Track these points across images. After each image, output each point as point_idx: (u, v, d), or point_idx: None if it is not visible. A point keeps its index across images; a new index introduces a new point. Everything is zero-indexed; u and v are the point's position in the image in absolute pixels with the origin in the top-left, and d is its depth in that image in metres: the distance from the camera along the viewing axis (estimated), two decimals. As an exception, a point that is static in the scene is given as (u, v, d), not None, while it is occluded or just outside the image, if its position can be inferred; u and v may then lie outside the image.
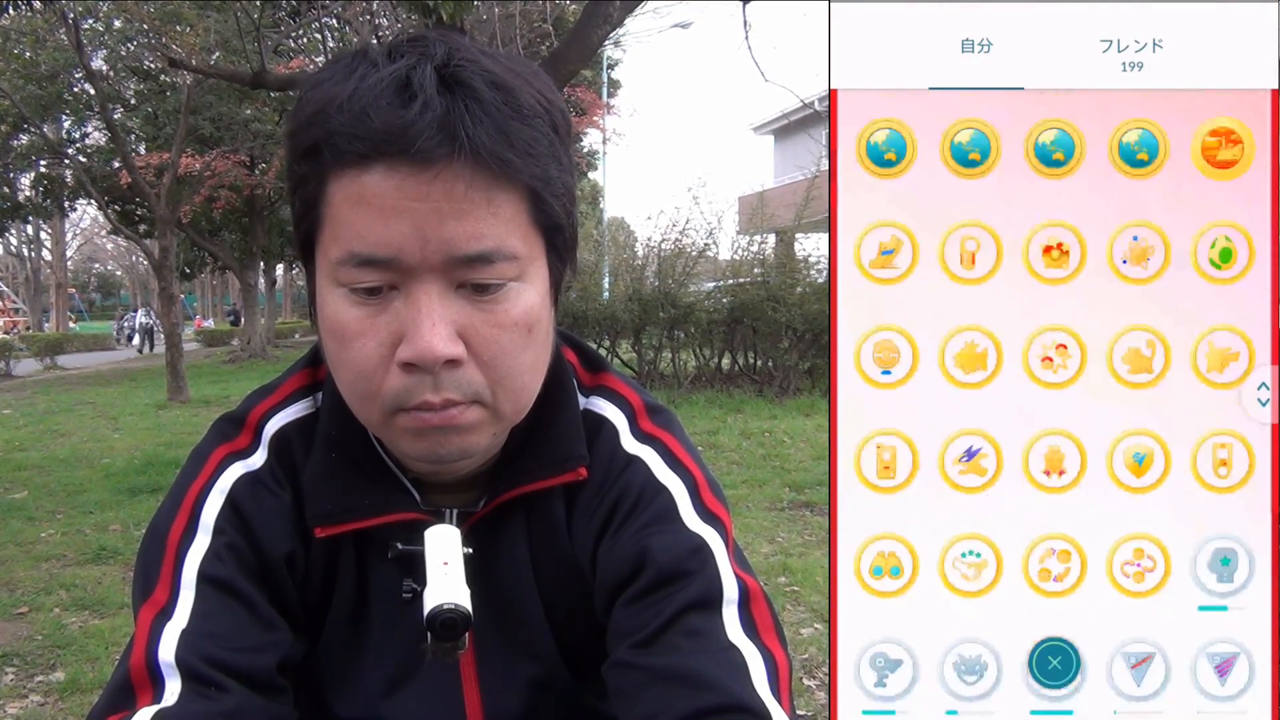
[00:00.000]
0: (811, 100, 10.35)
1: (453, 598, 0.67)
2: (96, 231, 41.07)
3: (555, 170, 0.67)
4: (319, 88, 0.66)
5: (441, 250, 0.64)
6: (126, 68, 15.35)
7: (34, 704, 2.79)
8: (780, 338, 9.23)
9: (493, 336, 0.67)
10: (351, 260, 0.65)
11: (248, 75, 6.65)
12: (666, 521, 0.75)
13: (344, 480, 0.76)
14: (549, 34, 8.61)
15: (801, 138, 16.24)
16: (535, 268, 0.69)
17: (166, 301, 11.16)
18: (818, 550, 4.10)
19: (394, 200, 0.63)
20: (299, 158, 0.67)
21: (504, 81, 0.65)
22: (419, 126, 0.61)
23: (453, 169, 0.62)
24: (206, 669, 0.67)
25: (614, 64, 19.74)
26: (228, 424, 0.81)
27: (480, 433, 0.70)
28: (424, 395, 0.67)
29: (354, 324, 0.67)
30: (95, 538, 4.57)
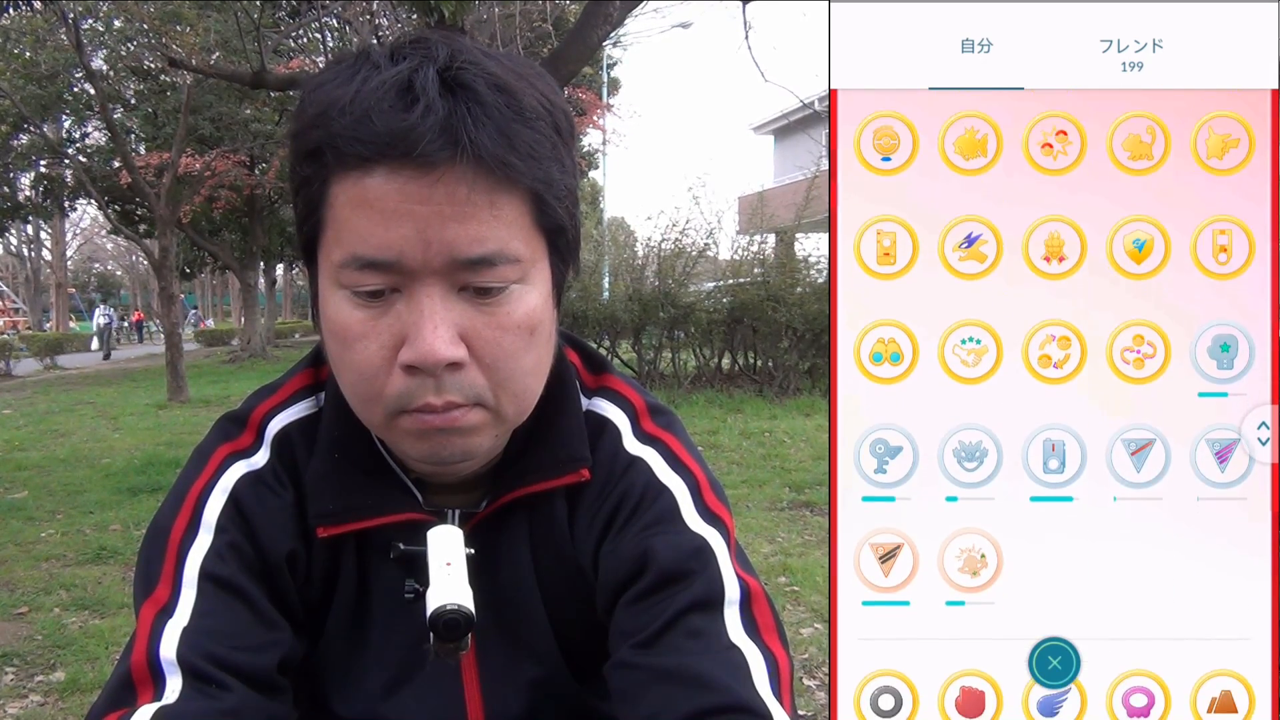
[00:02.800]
0: (811, 100, 10.34)
1: (456, 598, 0.67)
2: (96, 231, 41.13)
3: (557, 172, 0.67)
4: (321, 89, 0.66)
5: (443, 253, 0.64)
6: (126, 68, 15.35)
7: (34, 704, 2.79)
8: (780, 338, 9.23)
9: (495, 339, 0.67)
10: (354, 263, 0.65)
11: (248, 75, 6.65)
12: (668, 522, 0.76)
13: (346, 480, 0.76)
14: (549, 34, 8.61)
15: (801, 138, 16.22)
16: (537, 270, 0.69)
17: (166, 301, 11.15)
18: (818, 550, 4.10)
19: (396, 203, 0.63)
20: (301, 160, 0.67)
21: (506, 84, 0.65)
22: (421, 130, 0.61)
23: (455, 172, 0.62)
24: (208, 667, 0.67)
25: (614, 64, 19.76)
26: (230, 423, 0.81)
27: (482, 435, 0.70)
28: (426, 398, 0.67)
29: (356, 326, 0.67)
30: (95, 538, 4.58)
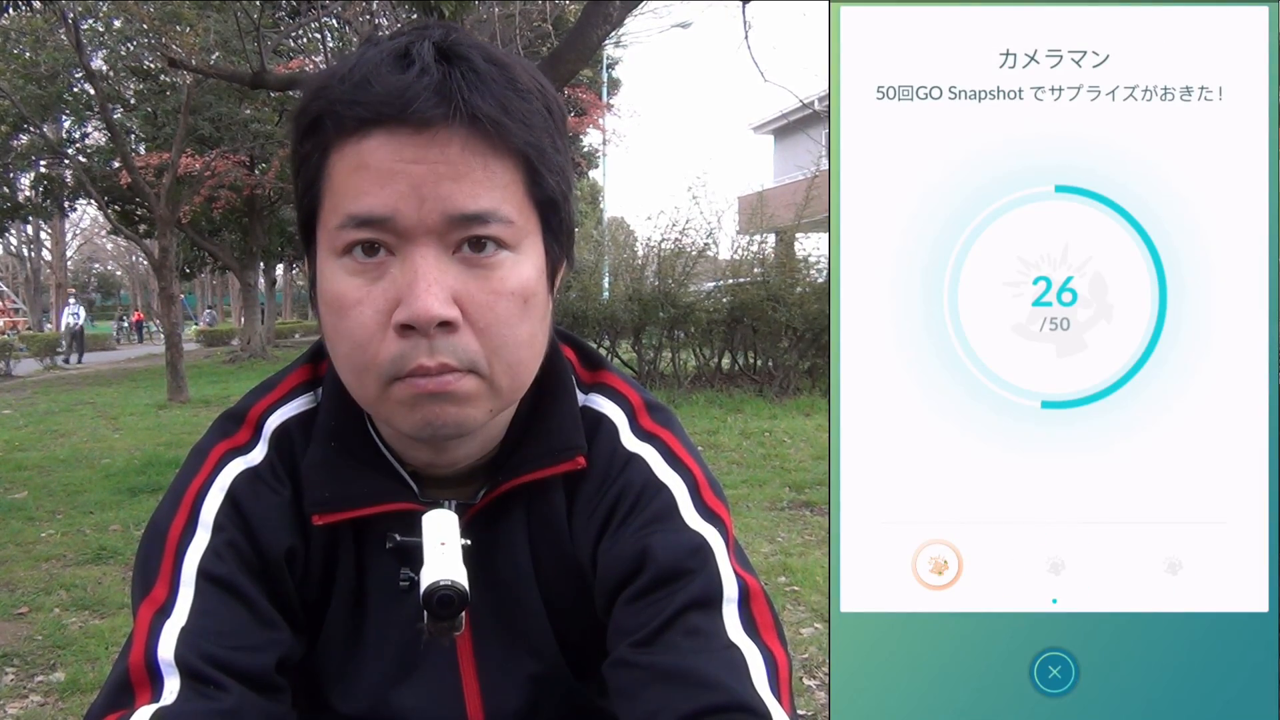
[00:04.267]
0: (811, 100, 10.35)
1: (449, 575, 0.66)
2: (96, 231, 41.11)
3: (550, 146, 0.69)
4: (323, 74, 0.69)
5: (437, 209, 0.65)
6: (126, 68, 15.35)
7: (34, 704, 2.79)
8: (780, 338, 9.23)
9: (488, 303, 0.67)
10: (350, 222, 0.66)
11: (248, 75, 6.66)
12: (667, 520, 0.75)
13: (342, 469, 0.76)
14: (549, 34, 8.61)
15: (801, 138, 16.23)
16: (530, 242, 0.70)
17: (166, 301, 11.16)
18: (818, 550, 4.10)
19: (391, 163, 0.64)
20: (302, 137, 0.69)
21: (500, 59, 0.67)
22: (416, 89, 0.64)
23: (449, 130, 0.64)
24: (205, 667, 0.67)
25: (614, 63, 19.75)
26: (228, 421, 0.81)
27: (476, 405, 0.70)
28: (419, 358, 0.66)
29: (352, 293, 0.67)
30: (95, 538, 4.57)
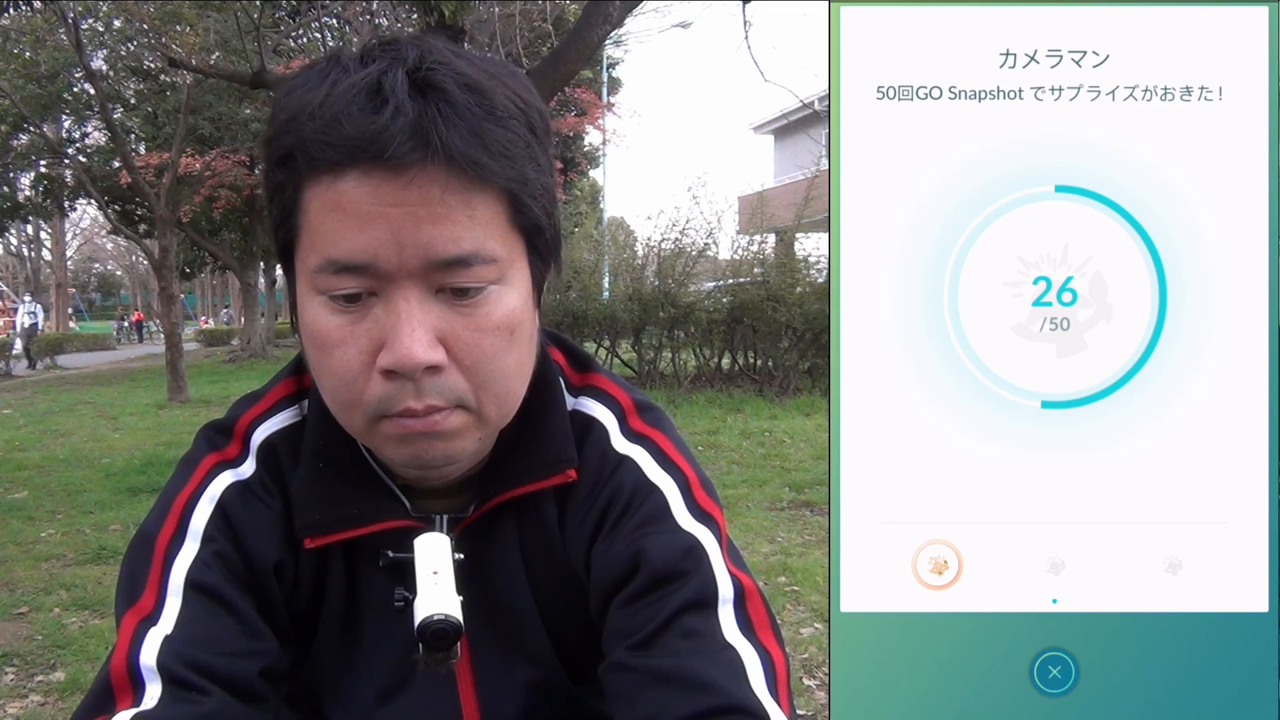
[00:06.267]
0: (811, 100, 10.35)
1: (443, 608, 0.66)
2: (96, 231, 41.11)
3: (532, 171, 0.66)
4: (292, 94, 0.65)
5: (419, 255, 0.63)
6: (126, 68, 15.34)
7: (34, 704, 2.79)
8: (780, 338, 9.23)
9: (474, 341, 0.66)
10: (329, 268, 0.64)
11: (248, 75, 6.66)
12: (659, 522, 0.75)
13: (332, 490, 0.76)
14: (549, 34, 8.60)
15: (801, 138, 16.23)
16: (516, 270, 0.68)
17: (166, 301, 11.16)
18: (818, 550, 4.10)
19: (369, 206, 0.62)
20: (274, 165, 0.66)
21: (477, 83, 0.64)
22: (391, 132, 0.61)
23: (427, 173, 0.62)
24: (187, 673, 0.67)
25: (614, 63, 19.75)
26: (215, 432, 0.80)
27: (465, 438, 0.70)
28: (406, 402, 0.66)
29: (334, 332, 0.66)
30: (95, 538, 4.57)
